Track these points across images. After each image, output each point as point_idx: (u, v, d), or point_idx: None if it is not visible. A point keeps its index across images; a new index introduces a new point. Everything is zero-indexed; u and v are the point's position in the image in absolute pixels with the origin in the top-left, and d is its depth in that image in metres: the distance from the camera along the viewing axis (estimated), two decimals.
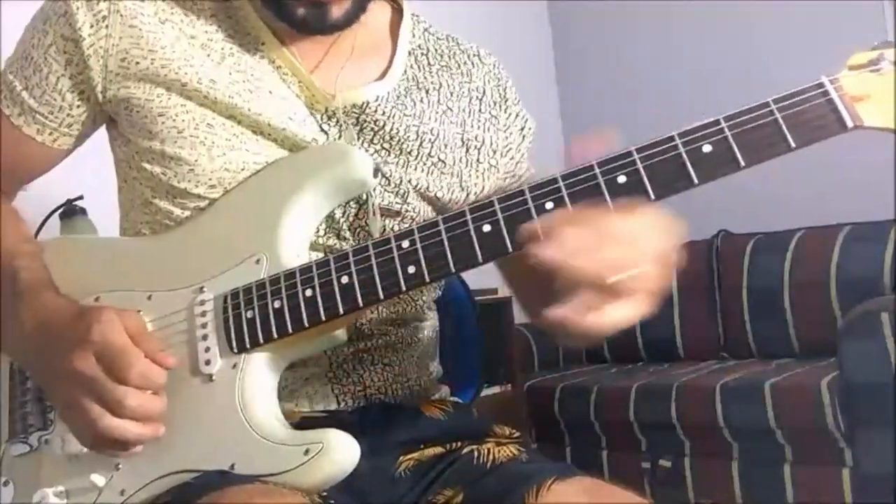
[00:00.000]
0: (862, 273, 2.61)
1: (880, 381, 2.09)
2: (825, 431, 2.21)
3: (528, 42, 3.72)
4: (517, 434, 0.96)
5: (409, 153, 0.95)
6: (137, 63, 0.89)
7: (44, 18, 0.92)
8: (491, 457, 0.90)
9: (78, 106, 0.93)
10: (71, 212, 1.92)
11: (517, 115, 1.06)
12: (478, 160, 1.01)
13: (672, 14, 3.41)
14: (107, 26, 0.89)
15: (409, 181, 0.94)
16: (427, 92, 0.99)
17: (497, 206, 0.79)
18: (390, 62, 0.98)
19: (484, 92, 1.03)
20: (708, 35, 3.33)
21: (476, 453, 0.90)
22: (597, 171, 0.77)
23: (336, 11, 0.89)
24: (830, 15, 2.93)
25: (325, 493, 0.78)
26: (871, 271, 2.60)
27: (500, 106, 1.04)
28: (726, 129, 0.75)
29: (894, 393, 2.06)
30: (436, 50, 1.03)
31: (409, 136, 0.95)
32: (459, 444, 0.92)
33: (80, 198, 1.92)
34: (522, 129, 1.06)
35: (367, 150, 0.93)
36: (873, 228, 2.67)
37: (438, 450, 0.92)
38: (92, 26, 0.89)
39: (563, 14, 3.82)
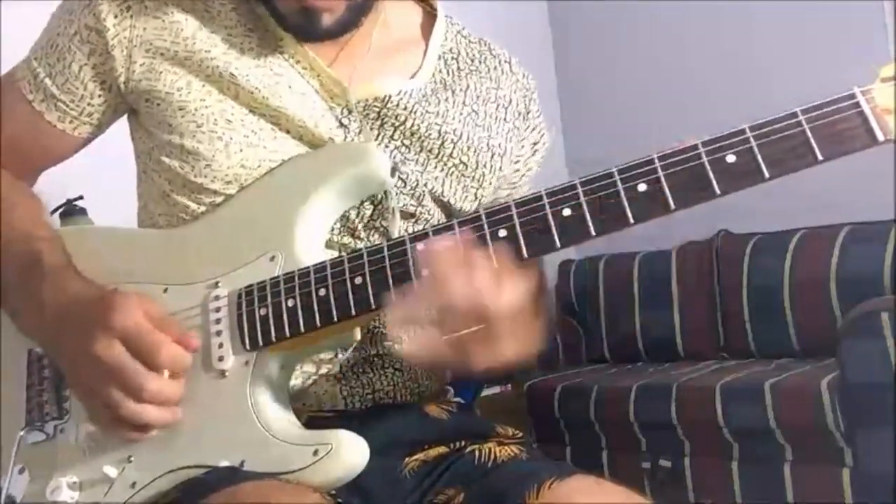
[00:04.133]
0: (862, 273, 2.61)
1: (880, 381, 2.10)
2: (825, 431, 2.22)
3: (528, 42, 3.71)
4: (520, 434, 0.96)
5: (430, 151, 0.95)
6: (162, 54, 0.90)
7: (69, 8, 0.94)
8: (492, 456, 0.90)
9: (99, 95, 0.94)
10: (71, 212, 1.93)
11: (534, 129, 1.06)
12: (500, 168, 1.01)
13: (672, 15, 3.41)
14: (131, 17, 0.91)
15: (426, 184, 0.94)
16: (453, 92, 0.99)
17: (514, 211, 0.78)
18: (421, 64, 0.98)
19: (510, 101, 1.03)
20: (708, 36, 3.33)
21: (477, 453, 0.90)
22: (616, 178, 0.76)
23: (328, 18, 0.89)
24: (830, 16, 2.93)
25: (333, 492, 0.78)
26: (871, 271, 2.60)
27: (523, 117, 1.04)
28: (752, 140, 0.73)
29: (894, 393, 2.06)
30: (467, 53, 1.03)
31: (430, 135, 0.95)
32: (463, 443, 0.92)
33: (80, 198, 1.93)
34: (536, 143, 1.06)
35: (387, 146, 0.93)
36: (873, 228, 2.67)
37: (442, 450, 0.92)
38: (116, 17, 0.91)
39: (563, 14, 3.82)
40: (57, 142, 0.98)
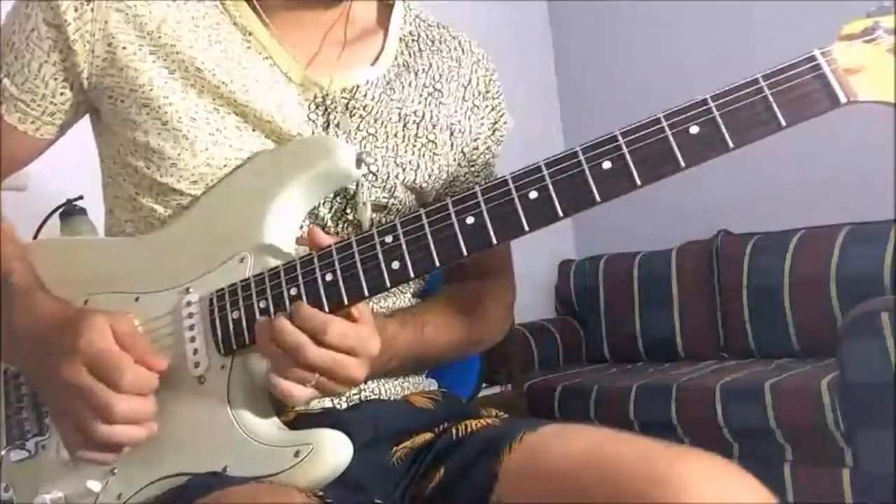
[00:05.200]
0: (862, 273, 2.61)
1: (880, 381, 2.09)
2: (825, 431, 2.21)
3: (528, 42, 3.71)
4: (504, 416, 0.97)
5: (396, 136, 0.95)
6: (124, 48, 0.88)
7: (25, 3, 0.90)
8: (469, 430, 0.90)
9: (62, 93, 0.91)
10: (71, 212, 1.92)
11: (493, 109, 1.06)
12: (460, 145, 1.01)
13: (672, 15, 3.41)
14: (92, 10, 0.87)
15: (397, 175, 0.94)
16: (416, 74, 0.99)
17: (480, 198, 0.78)
18: (381, 49, 0.98)
19: (470, 80, 1.04)
20: (708, 36, 3.32)
21: (455, 430, 0.91)
22: (581, 157, 0.75)
23: None
24: (831, 16, 2.92)
25: (321, 493, 0.78)
26: (871, 271, 2.59)
27: (483, 96, 1.05)
28: (714, 109, 0.72)
29: (894, 393, 2.06)
30: (427, 35, 1.03)
31: (391, 118, 0.95)
32: (446, 425, 0.93)
33: (80, 198, 1.92)
34: (495, 122, 1.06)
35: (354, 136, 0.93)
36: (873, 228, 2.66)
37: (428, 436, 0.92)
38: (76, 10, 0.87)
39: (563, 14, 3.82)
40: (19, 145, 0.94)
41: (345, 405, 0.92)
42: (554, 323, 3.36)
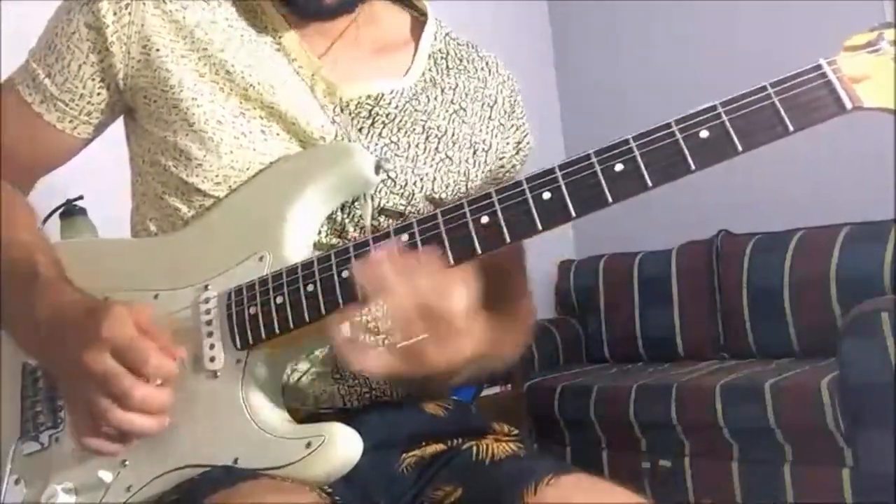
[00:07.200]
0: (862, 273, 2.61)
1: (880, 381, 2.10)
2: (825, 431, 2.22)
3: (528, 42, 3.72)
4: (516, 432, 0.97)
5: (417, 147, 0.96)
6: (157, 50, 0.91)
7: (67, 7, 0.94)
8: (490, 453, 0.90)
9: (99, 94, 0.94)
10: (71, 212, 1.93)
11: (518, 129, 1.08)
12: (484, 163, 1.03)
13: (672, 13, 3.42)
14: (129, 13, 0.91)
15: (415, 183, 0.95)
16: (442, 91, 1.00)
17: (495, 198, 0.79)
18: (411, 63, 1.00)
19: (496, 100, 1.05)
20: (709, 35, 3.33)
21: (475, 449, 0.91)
22: (594, 160, 0.77)
23: None
24: (831, 16, 2.93)
25: (330, 490, 0.79)
26: (871, 271, 2.60)
27: (508, 115, 1.07)
28: (723, 115, 0.75)
29: (894, 393, 2.06)
30: (455, 54, 1.05)
31: (415, 129, 0.96)
32: (460, 440, 0.93)
33: (80, 198, 1.93)
34: (519, 142, 1.08)
35: (376, 144, 0.94)
36: (873, 228, 2.67)
37: (440, 447, 0.92)
38: (115, 14, 0.91)
39: (563, 14, 3.82)
40: (56, 143, 0.97)
41: (356, 405, 0.93)
42: (554, 323, 3.36)
